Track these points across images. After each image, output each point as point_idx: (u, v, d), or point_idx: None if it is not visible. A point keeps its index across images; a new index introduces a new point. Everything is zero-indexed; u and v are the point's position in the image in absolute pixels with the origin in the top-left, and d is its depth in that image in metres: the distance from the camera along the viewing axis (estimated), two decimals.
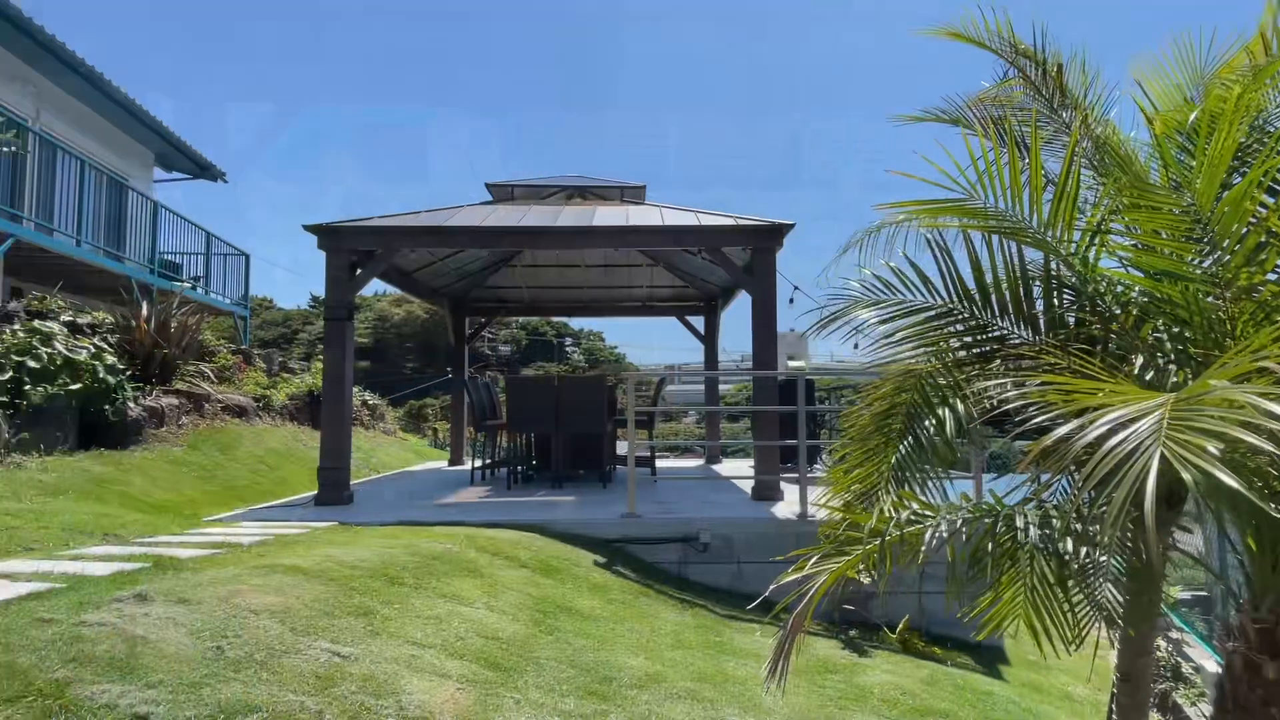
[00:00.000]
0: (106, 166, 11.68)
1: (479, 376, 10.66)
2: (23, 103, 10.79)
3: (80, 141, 11.89)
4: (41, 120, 11.08)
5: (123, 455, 6.28)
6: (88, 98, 11.91)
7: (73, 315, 7.78)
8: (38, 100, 11.16)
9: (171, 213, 12.20)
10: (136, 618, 2.56)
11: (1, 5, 9.18)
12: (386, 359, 43.48)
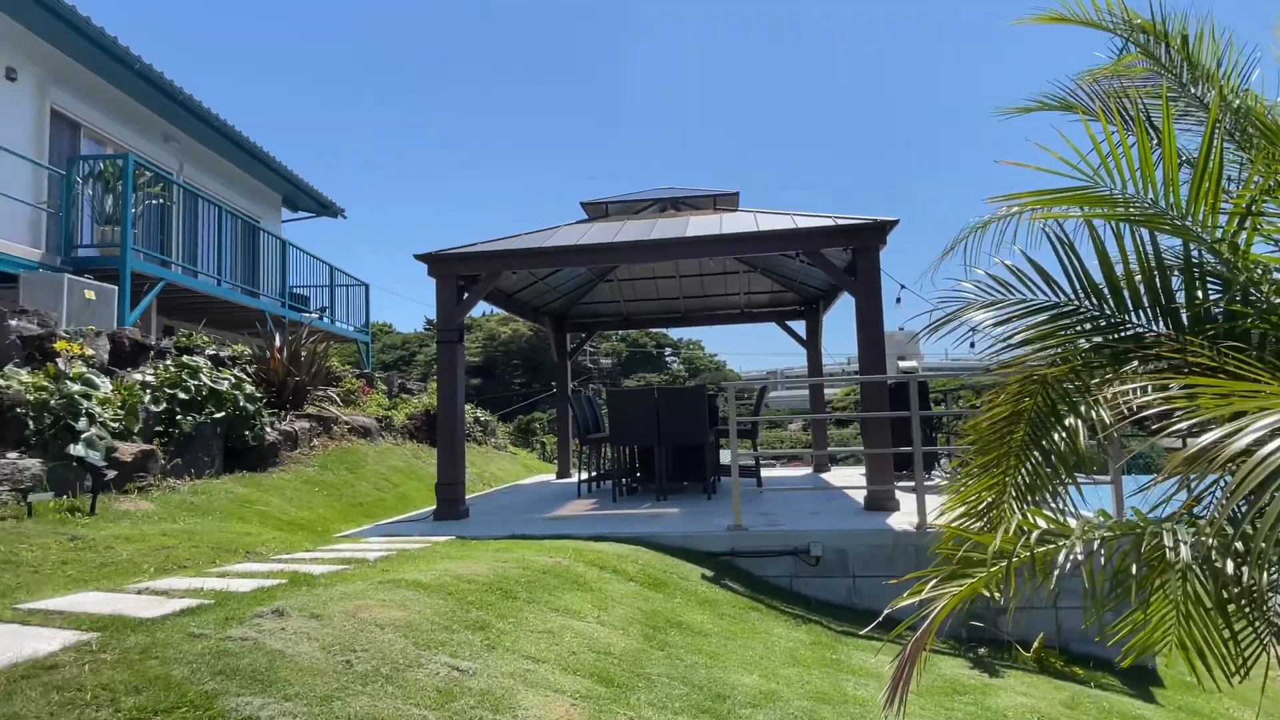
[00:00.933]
0: (240, 211, 12.79)
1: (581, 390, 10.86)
2: (169, 159, 11.99)
3: (217, 189, 13.08)
4: (185, 173, 12.28)
5: (262, 476, 6.79)
6: (223, 150, 13.11)
7: (216, 349, 8.53)
8: (181, 155, 12.37)
9: (298, 249, 13.18)
10: (275, 632, 2.74)
11: (152, 75, 10.25)
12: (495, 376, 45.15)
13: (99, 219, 8.81)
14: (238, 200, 13.79)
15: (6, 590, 3.14)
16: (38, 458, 4.71)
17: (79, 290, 7.41)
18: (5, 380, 4.97)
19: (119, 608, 2.90)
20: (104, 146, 10.58)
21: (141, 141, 11.35)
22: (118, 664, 2.28)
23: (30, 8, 8.66)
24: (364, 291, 15.29)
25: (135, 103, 11.12)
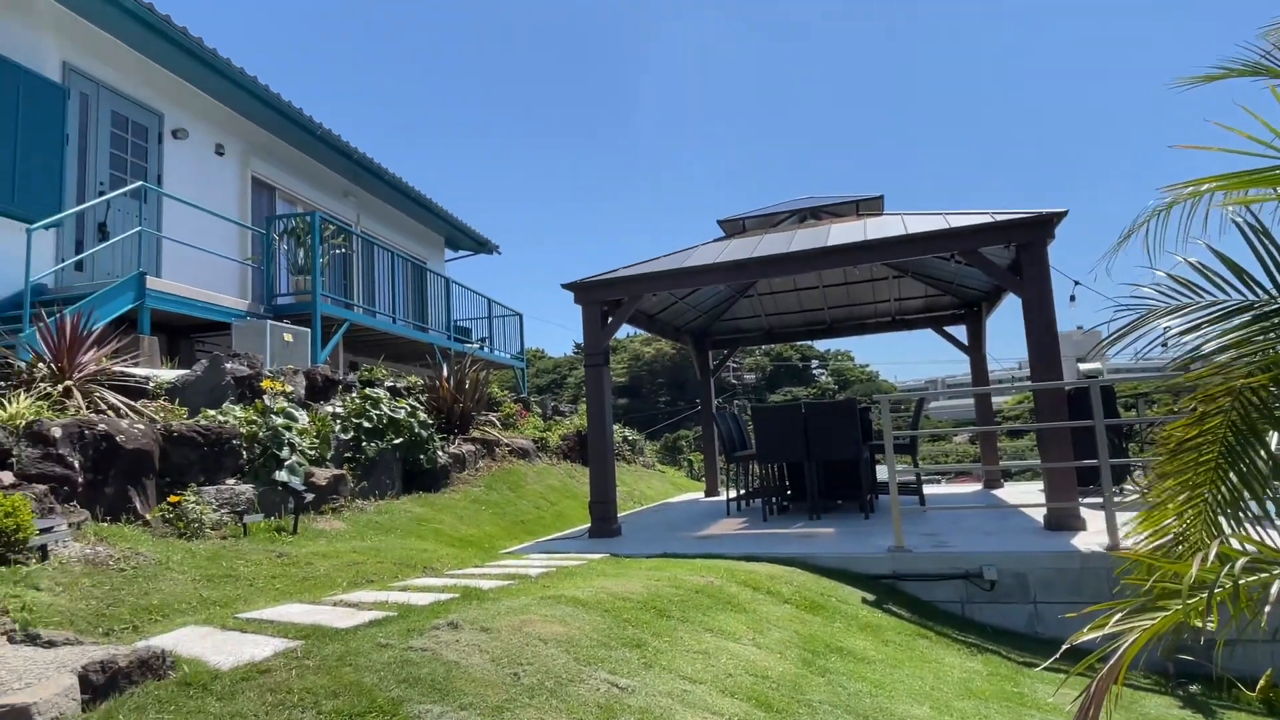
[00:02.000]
0: (409, 254, 14.01)
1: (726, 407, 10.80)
2: (348, 212, 13.38)
3: (389, 236, 14.42)
4: (361, 224, 13.64)
5: (435, 497, 7.33)
6: (393, 200, 14.45)
7: (393, 381, 9.35)
8: (358, 208, 13.76)
9: (460, 285, 14.21)
10: (450, 644, 2.93)
11: (331, 139, 11.53)
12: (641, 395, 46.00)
13: (293, 270, 9.98)
14: (406, 244, 15.12)
15: (228, 601, 3.59)
16: (250, 483, 5.37)
17: (279, 334, 8.41)
18: (224, 416, 5.73)
19: (318, 618, 3.23)
20: (295, 205, 12.00)
21: (325, 198, 12.76)
22: (318, 670, 2.54)
23: (235, 93, 10.04)
24: (518, 321, 16.18)
25: (318, 164, 12.54)
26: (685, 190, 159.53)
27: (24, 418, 4.42)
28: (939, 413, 49.86)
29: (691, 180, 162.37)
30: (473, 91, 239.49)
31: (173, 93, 9.64)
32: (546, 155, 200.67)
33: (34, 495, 3.72)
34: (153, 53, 9.02)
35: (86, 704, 2.18)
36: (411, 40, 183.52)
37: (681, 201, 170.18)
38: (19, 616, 2.88)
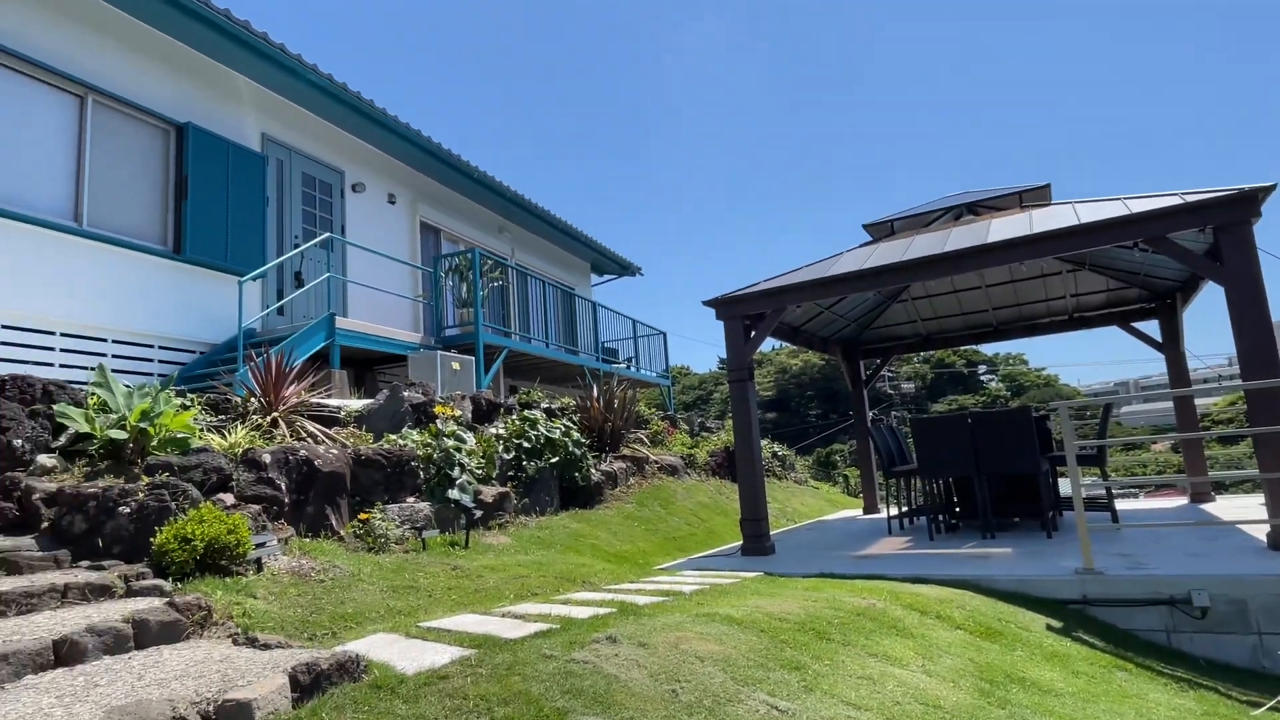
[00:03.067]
0: (558, 281, 14.69)
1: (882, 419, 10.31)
2: (503, 246, 14.27)
3: (539, 266, 15.21)
4: (515, 256, 14.49)
5: (590, 513, 7.57)
6: (542, 231, 15.24)
7: (547, 402, 9.80)
8: (512, 242, 14.64)
9: (605, 309, 14.69)
10: (609, 658, 3.01)
11: (488, 180, 12.38)
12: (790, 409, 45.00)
13: (458, 303, 10.78)
14: (556, 272, 15.87)
15: (411, 610, 3.90)
16: (427, 501, 5.83)
17: (448, 363, 9.10)
18: (403, 440, 6.27)
19: (489, 628, 3.43)
20: (457, 244, 12.97)
21: (483, 235, 13.70)
22: (490, 678, 2.70)
23: (403, 146, 11.06)
24: (662, 340, 16.44)
25: (475, 204, 13.50)
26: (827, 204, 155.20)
27: (241, 446, 5.09)
28: (1132, 418, 44.61)
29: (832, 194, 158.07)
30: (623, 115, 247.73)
31: (350, 151, 10.79)
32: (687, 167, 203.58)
33: (250, 514, 4.26)
34: (334, 117, 10.16)
35: (296, 701, 2.45)
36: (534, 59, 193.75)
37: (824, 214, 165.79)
38: (241, 621, 3.30)
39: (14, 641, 2.59)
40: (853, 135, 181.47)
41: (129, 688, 2.41)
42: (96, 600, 3.27)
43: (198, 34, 8.11)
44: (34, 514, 3.92)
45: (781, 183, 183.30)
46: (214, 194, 8.40)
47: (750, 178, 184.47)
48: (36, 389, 5.03)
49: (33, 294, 6.67)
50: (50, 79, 7.12)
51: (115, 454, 4.55)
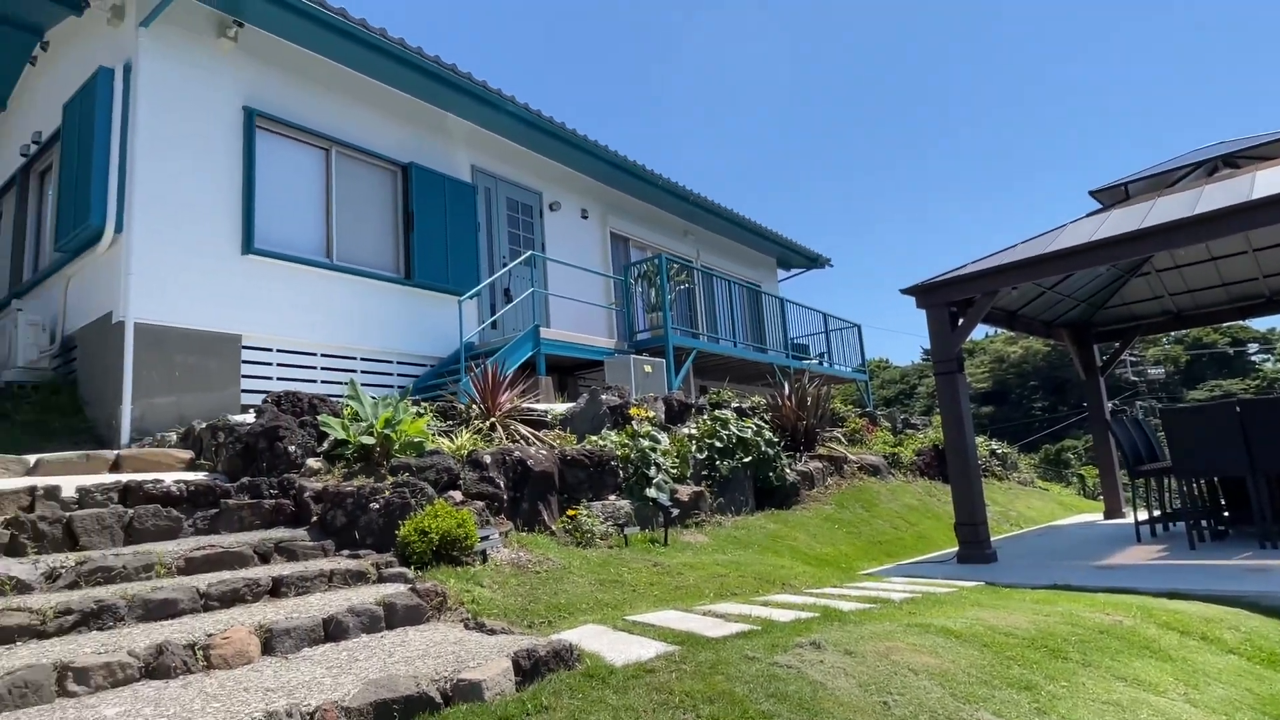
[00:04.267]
0: (744, 280, 14.62)
1: (1125, 411, 9.06)
2: (688, 249, 14.48)
3: (724, 266, 15.23)
4: (700, 259, 14.65)
5: (787, 514, 7.43)
6: (726, 231, 15.26)
7: (737, 402, 9.78)
8: (697, 244, 14.81)
9: (793, 304, 14.37)
10: (814, 664, 2.93)
11: (672, 187, 12.66)
12: (1009, 401, 41.07)
13: (647, 309, 11.12)
14: (740, 271, 15.82)
15: (617, 604, 4.07)
16: (627, 499, 6.06)
17: (640, 366, 9.41)
18: (603, 441, 6.58)
19: (690, 626, 3.49)
20: (645, 251, 13.38)
21: (668, 240, 14.01)
22: (694, 675, 2.73)
23: (593, 163, 11.63)
24: (856, 332, 15.75)
25: (661, 211, 13.84)
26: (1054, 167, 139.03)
27: (466, 449, 5.62)
28: None
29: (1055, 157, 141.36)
30: None
31: (546, 173, 11.54)
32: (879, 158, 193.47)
33: (475, 510, 4.69)
34: (531, 143, 10.93)
35: (519, 684, 2.66)
36: None
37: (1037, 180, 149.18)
38: (470, 608, 3.64)
39: (294, 619, 3.07)
40: (1066, 92, 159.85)
41: (381, 664, 2.75)
42: (354, 585, 3.77)
43: (419, 84, 9.12)
44: (305, 509, 4.62)
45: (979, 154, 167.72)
46: (434, 224, 9.39)
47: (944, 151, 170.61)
48: (304, 402, 5.93)
49: (300, 322, 7.88)
50: (305, 138, 8.37)
51: (366, 457, 5.24)
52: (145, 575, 3.50)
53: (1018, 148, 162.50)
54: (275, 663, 2.79)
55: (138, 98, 6.90)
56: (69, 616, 2.89)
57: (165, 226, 6.90)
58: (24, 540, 3.62)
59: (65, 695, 2.41)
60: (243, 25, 7.62)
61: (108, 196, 6.73)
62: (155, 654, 2.64)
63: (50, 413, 6.86)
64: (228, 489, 4.62)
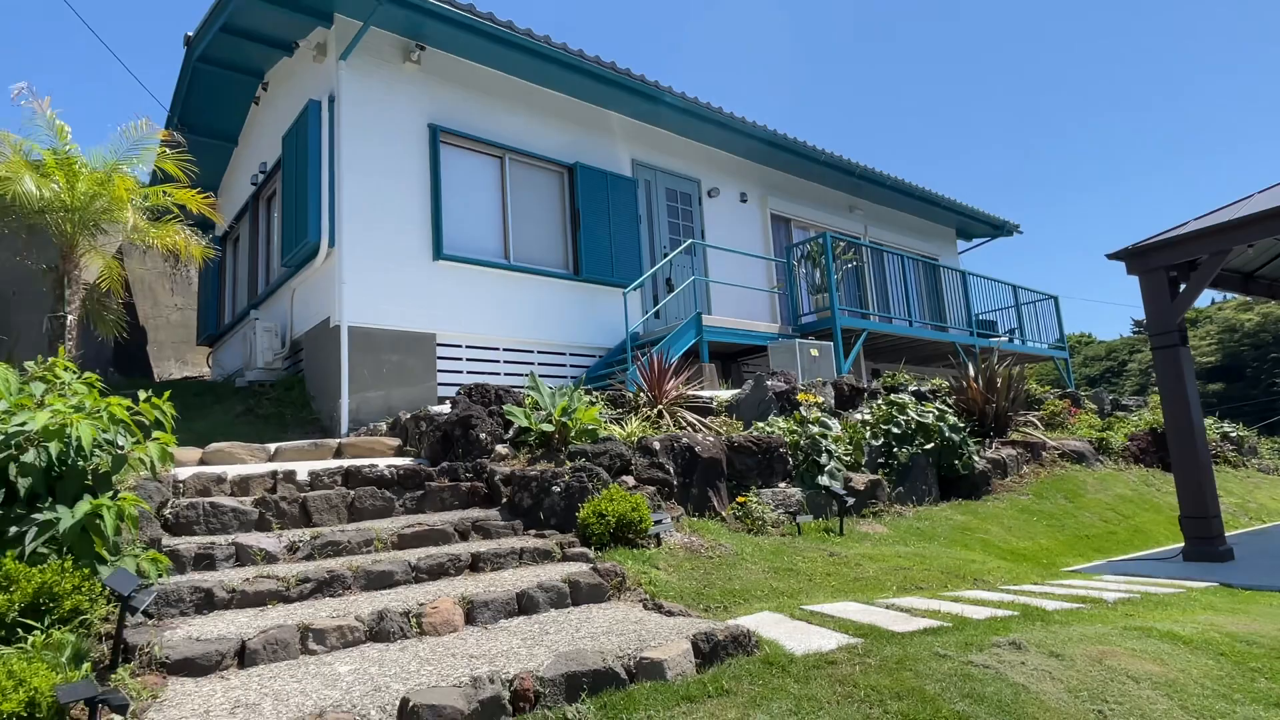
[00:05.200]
0: (918, 253, 13.75)
1: None
2: (855, 225, 13.85)
3: (895, 240, 14.40)
4: (869, 234, 13.96)
5: (976, 504, 6.93)
6: (897, 203, 14.42)
7: (916, 385, 9.24)
8: (864, 219, 14.13)
9: (977, 276, 13.30)
10: (1014, 665, 2.71)
11: (834, 161, 12.18)
12: (1244, 377, 35.49)
13: (811, 290, 10.79)
14: (914, 244, 14.89)
15: (792, 593, 4.01)
16: (797, 487, 5.94)
17: (806, 350, 9.17)
18: (770, 427, 6.49)
19: (873, 619, 3.36)
20: (807, 231, 12.98)
21: (832, 217, 13.49)
22: (879, 670, 2.63)
23: (752, 145, 11.45)
24: (1053, 305, 14.30)
25: (823, 187, 13.35)
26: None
27: (635, 435, 5.78)
28: None
29: None
30: None
31: (704, 160, 11.53)
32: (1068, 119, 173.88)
33: (647, 495, 4.82)
34: (689, 132, 10.96)
35: (699, 666, 2.70)
36: None
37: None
38: (648, 589, 3.74)
39: (491, 592, 3.32)
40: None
41: (569, 638, 2.90)
42: (541, 563, 4.01)
43: (581, 85, 9.45)
44: (496, 491, 4.98)
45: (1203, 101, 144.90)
46: (598, 220, 9.72)
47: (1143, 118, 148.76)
48: (491, 393, 6.39)
49: (484, 319, 8.49)
50: (481, 148, 8.97)
51: (546, 443, 5.55)
52: (366, 549, 3.95)
53: (1219, 116, 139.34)
54: (476, 632, 3.04)
55: (340, 124, 7.74)
56: (307, 584, 3.33)
57: (369, 239, 7.70)
58: (270, 517, 4.21)
59: (307, 653, 2.78)
60: (424, 48, 8.29)
61: (321, 215, 7.63)
62: (377, 620, 2.97)
63: (285, 406, 7.92)
64: (430, 472, 5.09)
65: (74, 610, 2.69)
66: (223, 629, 2.81)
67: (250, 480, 4.60)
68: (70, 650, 2.50)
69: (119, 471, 3.39)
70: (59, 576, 2.71)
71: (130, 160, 6.73)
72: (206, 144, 10.30)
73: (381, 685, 2.41)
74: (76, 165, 6.35)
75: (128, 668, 2.51)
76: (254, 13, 7.79)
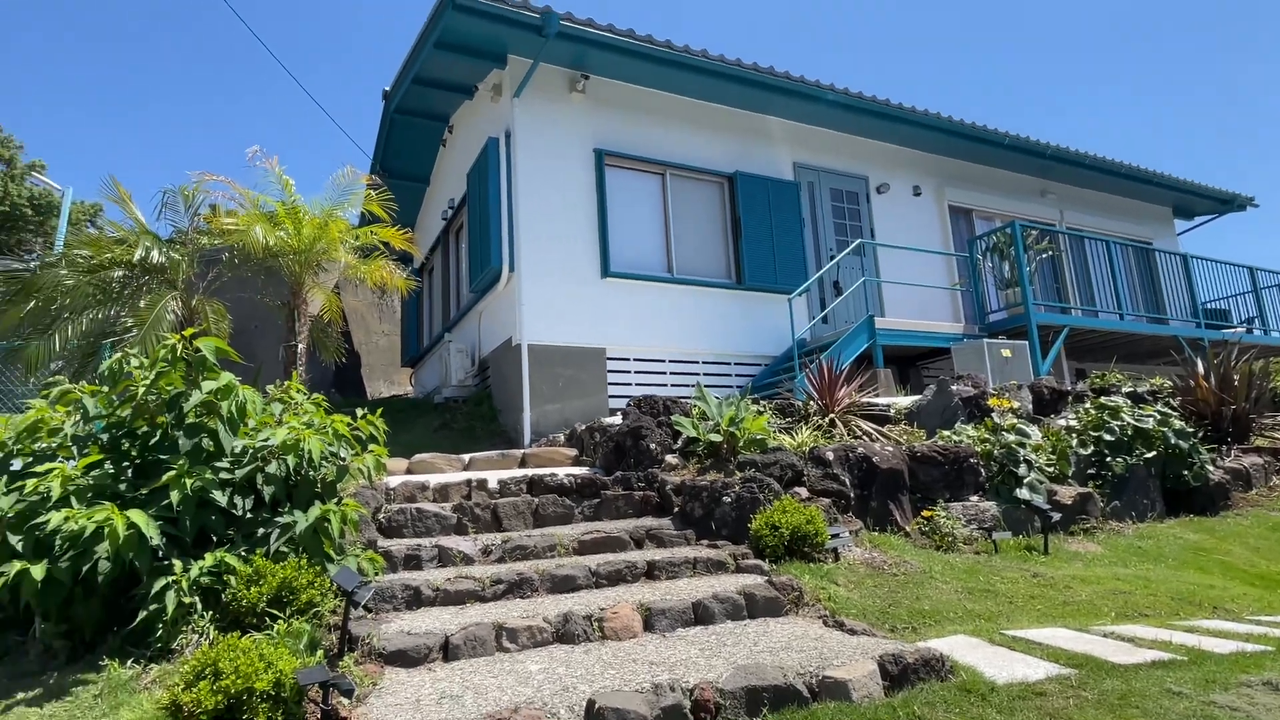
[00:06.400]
0: (1128, 238, 12.23)
1: None
2: (1048, 211, 12.60)
3: (1098, 224, 12.91)
4: (1065, 220, 12.63)
5: (1213, 521, 6.00)
6: (1097, 184, 12.95)
7: (1130, 385, 8.19)
8: (1058, 204, 12.82)
9: (1201, 260, 11.60)
10: (1271, 708, 2.31)
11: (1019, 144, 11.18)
12: None
13: (1000, 285, 9.93)
14: (1122, 227, 13.27)
15: (991, 615, 3.69)
16: (992, 500, 5.46)
17: (996, 351, 8.44)
18: (957, 436, 6.03)
19: (1088, 648, 3.00)
20: (992, 221, 11.99)
21: (1021, 204, 12.36)
22: (1098, 705, 2.34)
23: (924, 135, 10.81)
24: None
25: (1008, 173, 12.28)
26: None
27: (806, 445, 5.62)
28: None
29: None
30: None
31: (871, 155, 11.04)
32: None
33: (822, 507, 4.66)
34: (854, 128, 10.57)
35: (887, 689, 2.55)
36: None
37: None
38: (827, 605, 3.61)
39: (668, 601, 3.37)
40: None
41: (747, 651, 2.87)
42: (715, 573, 4.01)
43: (740, 94, 9.45)
44: (667, 500, 5.05)
45: None
46: (760, 227, 9.61)
47: None
48: (659, 404, 6.51)
49: (650, 332, 8.69)
50: (643, 167, 9.23)
51: (714, 453, 5.55)
52: (550, 554, 4.16)
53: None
54: (655, 639, 3.09)
55: (515, 158, 8.30)
56: (499, 585, 3.57)
57: (544, 263, 8.17)
58: (466, 522, 4.56)
59: (501, 650, 2.97)
60: (588, 78, 8.69)
61: (502, 244, 8.21)
62: (563, 622, 3.11)
63: (475, 420, 8.58)
64: (605, 481, 5.27)
65: (309, 603, 3.07)
66: (429, 624, 3.08)
67: (448, 487, 5.01)
68: (306, 638, 2.86)
69: (342, 480, 3.84)
70: (296, 573, 3.10)
71: (342, 205, 7.64)
72: (403, 186, 11.45)
73: (569, 685, 2.51)
74: (301, 214, 7.32)
75: (352, 656, 2.82)
76: (440, 62, 8.58)
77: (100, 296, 6.73)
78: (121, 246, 6.86)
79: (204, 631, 2.99)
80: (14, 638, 3.15)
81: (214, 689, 2.30)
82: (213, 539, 3.38)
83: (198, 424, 3.55)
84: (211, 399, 3.58)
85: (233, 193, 7.33)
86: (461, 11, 7.41)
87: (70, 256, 6.90)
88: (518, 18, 7.57)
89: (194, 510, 3.26)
